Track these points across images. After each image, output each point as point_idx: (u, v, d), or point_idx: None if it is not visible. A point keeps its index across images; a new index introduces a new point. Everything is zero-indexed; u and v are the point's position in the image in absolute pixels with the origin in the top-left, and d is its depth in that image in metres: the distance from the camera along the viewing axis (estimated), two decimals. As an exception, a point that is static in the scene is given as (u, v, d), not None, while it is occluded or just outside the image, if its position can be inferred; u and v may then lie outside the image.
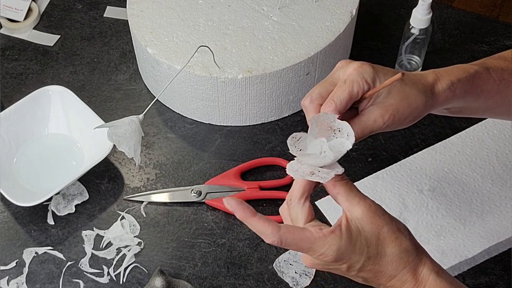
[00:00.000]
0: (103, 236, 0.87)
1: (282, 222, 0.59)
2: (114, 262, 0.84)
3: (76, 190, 0.91)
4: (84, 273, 0.84)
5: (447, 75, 0.63)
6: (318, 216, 0.81)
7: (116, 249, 0.86)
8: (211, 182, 0.92)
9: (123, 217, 0.88)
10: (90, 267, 0.84)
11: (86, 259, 0.85)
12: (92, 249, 0.86)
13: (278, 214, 0.63)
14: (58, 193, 0.90)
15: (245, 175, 0.94)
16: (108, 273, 0.84)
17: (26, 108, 0.95)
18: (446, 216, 0.84)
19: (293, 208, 0.58)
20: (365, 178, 0.89)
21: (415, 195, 0.86)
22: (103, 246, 0.86)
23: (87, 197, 0.91)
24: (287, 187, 0.92)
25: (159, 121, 1.00)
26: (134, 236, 0.87)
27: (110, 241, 0.86)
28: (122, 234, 0.87)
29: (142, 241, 0.87)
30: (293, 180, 0.59)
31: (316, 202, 0.88)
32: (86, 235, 0.87)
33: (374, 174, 0.89)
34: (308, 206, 0.58)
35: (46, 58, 1.09)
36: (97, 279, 0.84)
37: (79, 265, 0.84)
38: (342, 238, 0.55)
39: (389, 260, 0.56)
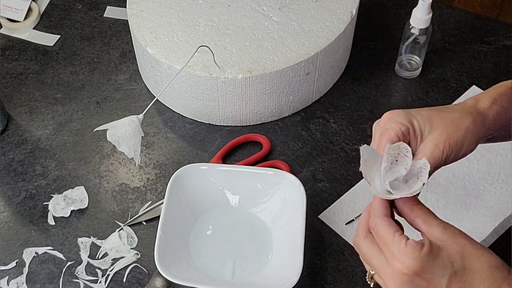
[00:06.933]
0: (100, 246, 0.86)
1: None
2: (108, 273, 0.83)
3: (78, 195, 0.90)
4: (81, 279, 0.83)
5: (486, 94, 0.62)
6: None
7: (112, 260, 0.84)
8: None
9: (121, 229, 0.87)
10: (86, 274, 0.83)
11: (82, 267, 0.84)
12: (88, 257, 0.85)
13: None
14: (60, 193, 0.90)
15: (225, 161, 0.95)
16: (106, 280, 0.83)
17: None
18: (447, 205, 0.84)
19: (379, 227, 0.57)
20: (359, 182, 0.89)
21: None
22: (99, 256, 0.85)
23: (86, 205, 0.89)
24: (265, 158, 0.94)
25: (159, 121, 1.00)
26: (131, 248, 0.85)
27: (106, 252, 0.85)
28: (119, 245, 0.85)
29: (138, 252, 0.85)
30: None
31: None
32: (82, 242, 0.86)
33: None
34: (392, 222, 0.57)
35: (46, 58, 1.09)
36: (93, 285, 0.83)
37: (75, 273, 0.83)
38: (422, 250, 0.54)
39: (479, 277, 0.53)
